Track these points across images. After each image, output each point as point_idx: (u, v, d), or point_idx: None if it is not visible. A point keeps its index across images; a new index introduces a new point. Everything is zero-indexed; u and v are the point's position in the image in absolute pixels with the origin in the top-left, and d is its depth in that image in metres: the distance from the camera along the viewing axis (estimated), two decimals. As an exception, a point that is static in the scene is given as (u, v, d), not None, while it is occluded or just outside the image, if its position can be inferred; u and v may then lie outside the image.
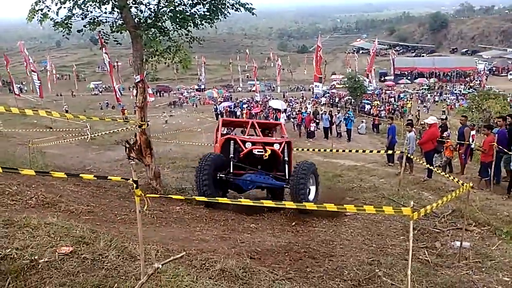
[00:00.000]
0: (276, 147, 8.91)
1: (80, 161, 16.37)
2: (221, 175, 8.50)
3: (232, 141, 9.15)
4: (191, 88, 72.00)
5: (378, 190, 11.20)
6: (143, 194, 3.95)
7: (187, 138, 24.32)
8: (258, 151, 8.78)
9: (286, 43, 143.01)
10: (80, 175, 4.37)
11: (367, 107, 40.86)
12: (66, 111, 21.12)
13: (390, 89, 60.20)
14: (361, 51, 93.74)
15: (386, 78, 73.06)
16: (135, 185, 3.79)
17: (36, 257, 4.26)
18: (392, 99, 49.13)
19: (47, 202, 6.11)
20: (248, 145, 8.92)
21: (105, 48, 21.23)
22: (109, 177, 4.69)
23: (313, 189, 8.81)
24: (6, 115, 24.48)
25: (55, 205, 6.06)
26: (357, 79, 43.77)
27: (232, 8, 9.19)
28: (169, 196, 4.61)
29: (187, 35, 9.37)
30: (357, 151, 13.85)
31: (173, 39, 9.34)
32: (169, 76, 74.23)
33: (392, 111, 37.63)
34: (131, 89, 57.77)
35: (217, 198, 6.47)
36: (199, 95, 62.22)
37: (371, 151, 14.04)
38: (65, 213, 5.60)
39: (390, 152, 14.11)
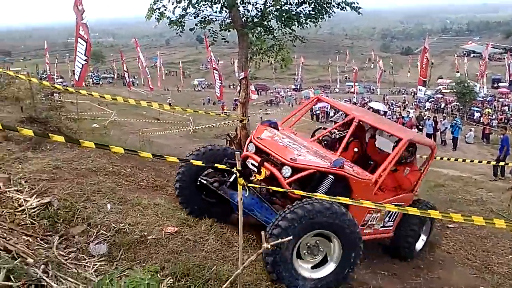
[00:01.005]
0: (287, 172, 4.97)
1: (183, 151, 17.41)
2: (202, 179, 5.59)
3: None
4: (287, 88, 72.55)
5: (485, 204, 10.36)
6: (245, 183, 4.12)
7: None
8: (252, 165, 5.35)
9: (389, 44, 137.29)
10: (170, 157, 4.56)
11: (477, 114, 37.76)
12: (169, 104, 22.56)
13: (504, 96, 54.75)
14: (472, 55, 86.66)
15: (500, 84, 66.51)
16: (238, 174, 3.97)
17: (145, 233, 4.70)
18: (506, 108, 44.78)
19: (156, 185, 6.63)
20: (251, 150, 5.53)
21: (207, 47, 22.35)
22: (215, 165, 4.95)
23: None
24: (120, 106, 26.74)
25: (163, 188, 6.56)
26: (466, 84, 40.59)
27: (338, 7, 9.13)
28: (269, 187, 4.74)
29: (290, 33, 9.50)
30: (464, 160, 12.88)
31: (277, 37, 9.54)
32: (267, 75, 75.59)
33: (506, 121, 34.34)
34: (231, 87, 59.97)
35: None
36: (295, 94, 62.45)
37: (480, 162, 12.99)
38: (172, 196, 6.02)
39: (502, 163, 12.93)
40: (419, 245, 6.56)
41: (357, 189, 5.07)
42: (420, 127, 26.50)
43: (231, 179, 5.40)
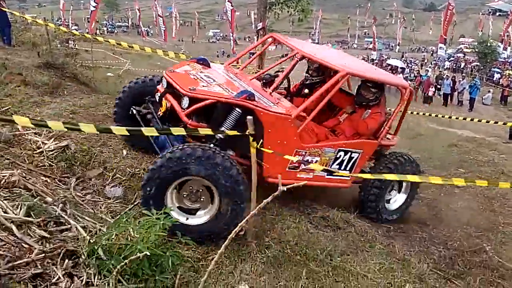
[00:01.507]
0: (185, 104, 4.40)
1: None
2: (134, 109, 5.06)
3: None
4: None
5: (497, 166, 10.29)
6: (258, 147, 4.10)
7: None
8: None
9: (412, 0, 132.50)
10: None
11: (497, 76, 36.72)
12: (183, 53, 22.50)
13: (527, 58, 53.13)
14: (498, 13, 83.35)
15: (524, 45, 64.40)
16: (251, 139, 3.91)
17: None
18: (529, 70, 43.44)
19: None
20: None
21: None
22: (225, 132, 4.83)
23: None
24: (133, 55, 26.60)
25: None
26: (489, 44, 39.27)
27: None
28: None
29: (312, -16, 9.23)
30: (479, 120, 12.70)
31: (297, -13, 9.30)
32: (284, 28, 73.86)
33: (527, 83, 33.45)
34: (246, 39, 58.92)
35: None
36: (312, 49, 61.30)
37: (495, 123, 12.80)
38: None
39: (518, 126, 12.73)
40: (393, 205, 5.94)
41: (271, 125, 4.42)
42: (439, 86, 26.02)
43: (160, 113, 4.75)
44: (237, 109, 4.36)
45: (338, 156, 5.09)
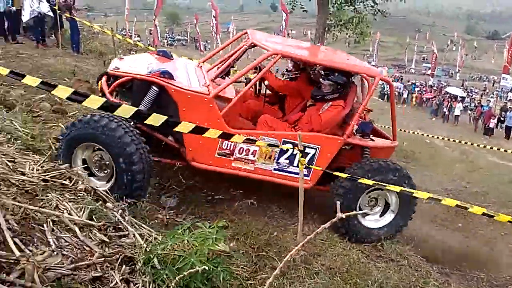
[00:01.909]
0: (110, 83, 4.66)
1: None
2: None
3: None
4: (360, 64, 70.29)
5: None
6: (304, 161, 4.12)
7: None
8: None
9: (475, 26, 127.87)
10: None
11: None
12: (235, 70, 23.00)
13: None
14: None
15: None
16: (300, 155, 3.93)
17: (212, 193, 4.91)
18: None
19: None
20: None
21: (286, 14, 22.10)
22: (279, 146, 4.81)
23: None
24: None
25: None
26: (558, 76, 37.10)
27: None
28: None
29: (372, 7, 9.16)
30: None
31: (358, 10, 9.26)
32: (339, 49, 73.70)
33: None
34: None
35: None
36: (367, 72, 60.49)
37: None
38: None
39: None
40: (373, 223, 4.98)
41: (185, 104, 4.28)
42: (502, 118, 24.77)
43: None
44: (153, 87, 4.32)
45: (285, 149, 4.61)
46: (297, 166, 4.50)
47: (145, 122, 3.24)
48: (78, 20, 11.74)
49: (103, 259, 2.70)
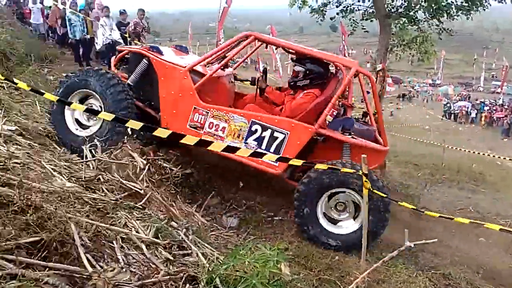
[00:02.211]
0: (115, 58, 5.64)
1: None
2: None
3: None
4: (424, 82, 67.96)
5: None
6: (371, 189, 4.01)
7: (412, 134, 23.24)
8: None
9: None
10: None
11: None
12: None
13: None
14: None
15: None
16: (364, 178, 3.87)
17: (272, 214, 4.91)
18: None
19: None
20: None
21: (344, 36, 21.97)
22: (341, 169, 4.60)
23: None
24: (252, 89, 27.98)
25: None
26: None
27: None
28: (396, 201, 4.37)
29: (437, 26, 8.87)
30: None
31: (421, 29, 9.02)
32: (401, 67, 71.65)
33: None
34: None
35: None
36: (431, 90, 58.31)
37: None
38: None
39: None
40: (337, 229, 4.58)
41: (163, 74, 4.84)
42: None
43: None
44: (144, 60, 4.99)
45: (253, 129, 4.58)
46: (265, 148, 4.56)
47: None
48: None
49: (168, 277, 2.78)
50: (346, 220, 4.61)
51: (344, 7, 9.06)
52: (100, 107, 4.79)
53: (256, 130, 4.61)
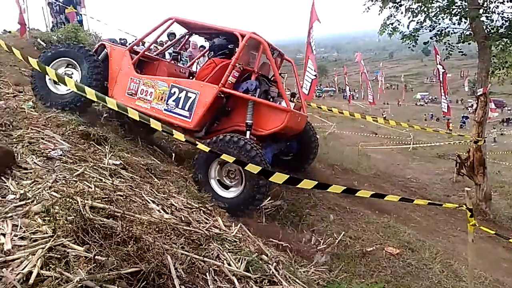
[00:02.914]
0: None
1: (401, 169, 16.76)
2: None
3: None
4: (530, 105, 61.99)
5: None
6: (477, 224, 3.67)
7: (520, 162, 21.12)
8: None
9: None
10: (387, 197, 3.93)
11: None
12: (384, 118, 21.94)
13: None
14: None
15: None
16: (469, 213, 3.56)
17: (366, 249, 4.67)
18: None
19: (381, 203, 6.47)
20: None
21: (438, 59, 20.88)
22: (443, 205, 4.49)
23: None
24: (339, 118, 27.50)
25: (388, 212, 6.37)
26: None
27: None
28: (508, 238, 3.98)
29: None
30: None
31: (526, 49, 8.29)
32: (504, 90, 66.24)
33: None
34: (459, 102, 54.81)
35: None
36: (540, 114, 52.97)
37: None
38: (399, 218, 5.83)
39: None
40: (225, 193, 5.12)
41: (111, 55, 6.14)
42: None
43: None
44: (105, 49, 6.29)
45: (172, 92, 5.59)
46: (181, 107, 5.53)
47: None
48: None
49: (259, 313, 2.74)
50: (235, 187, 5.11)
51: (438, 31, 8.66)
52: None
53: (174, 93, 5.62)
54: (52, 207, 2.91)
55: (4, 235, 2.56)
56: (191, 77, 6.48)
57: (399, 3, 8.83)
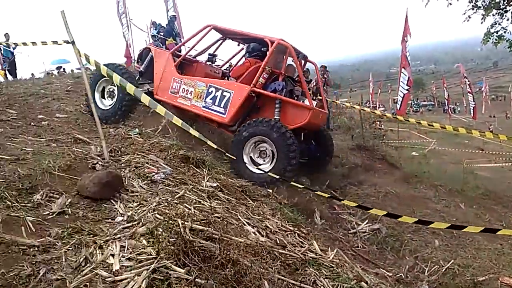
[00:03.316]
0: None
1: (512, 188, 15.18)
2: None
3: None
4: None
5: None
6: None
7: None
8: None
9: None
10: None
11: None
12: (491, 132, 20.09)
13: None
14: None
15: None
16: None
17: (477, 279, 4.25)
18: None
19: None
20: None
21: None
22: None
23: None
24: (439, 134, 25.87)
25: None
26: None
27: None
28: None
29: None
30: None
31: None
32: None
33: None
34: None
35: None
36: None
37: None
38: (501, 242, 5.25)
39: None
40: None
41: (157, 57, 7.00)
42: None
43: None
44: (151, 52, 7.16)
45: (210, 91, 6.34)
46: (218, 104, 6.27)
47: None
48: (329, 101, 12.73)
49: None
50: (265, 165, 5.84)
51: None
52: None
53: (211, 92, 6.35)
54: (156, 229, 3.06)
55: (113, 255, 2.74)
56: (224, 77, 7.25)
57: (504, 9, 8.15)
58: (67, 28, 4.44)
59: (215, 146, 4.83)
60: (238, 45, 7.49)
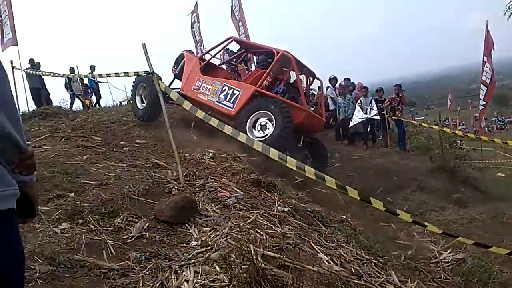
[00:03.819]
0: None
1: None
2: None
3: None
4: None
5: None
6: None
7: None
8: None
9: None
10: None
11: None
12: None
13: None
14: None
15: None
16: None
17: None
18: None
19: None
20: None
21: None
22: None
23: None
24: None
25: None
26: None
27: None
28: None
29: None
30: None
31: None
32: None
33: None
34: None
35: None
36: None
37: None
38: None
39: None
40: (259, 133, 7.18)
41: (187, 62, 8.59)
42: None
43: None
44: (184, 58, 8.72)
45: (223, 89, 7.66)
46: (228, 100, 7.54)
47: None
48: (405, 120, 12.26)
49: None
50: (265, 132, 6.96)
51: None
52: None
53: (225, 90, 7.65)
54: (229, 255, 3.07)
55: (187, 281, 2.78)
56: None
57: None
58: (147, 60, 4.70)
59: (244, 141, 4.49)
60: (255, 54, 9.44)
